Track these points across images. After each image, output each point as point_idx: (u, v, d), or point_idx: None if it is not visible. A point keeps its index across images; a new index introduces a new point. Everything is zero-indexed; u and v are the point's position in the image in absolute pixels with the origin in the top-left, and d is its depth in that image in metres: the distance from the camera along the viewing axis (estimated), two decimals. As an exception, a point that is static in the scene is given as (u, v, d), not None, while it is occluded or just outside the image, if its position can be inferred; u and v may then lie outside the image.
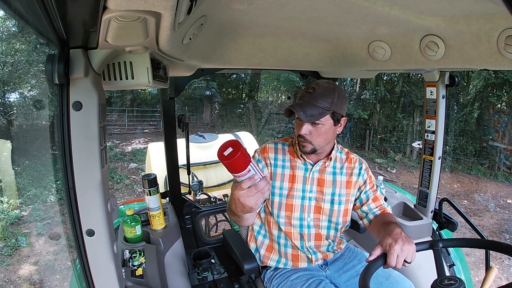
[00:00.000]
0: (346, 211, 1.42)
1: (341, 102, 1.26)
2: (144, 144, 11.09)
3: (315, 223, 1.39)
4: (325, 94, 1.23)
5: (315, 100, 1.23)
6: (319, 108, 1.22)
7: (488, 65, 0.96)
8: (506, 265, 4.42)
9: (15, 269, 4.97)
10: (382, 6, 0.88)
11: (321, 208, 1.39)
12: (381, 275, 1.31)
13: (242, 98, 14.75)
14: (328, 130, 1.29)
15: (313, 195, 1.39)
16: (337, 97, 1.24)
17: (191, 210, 2.13)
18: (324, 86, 1.26)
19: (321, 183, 1.39)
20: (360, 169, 1.44)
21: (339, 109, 1.26)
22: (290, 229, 1.39)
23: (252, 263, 1.42)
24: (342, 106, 1.27)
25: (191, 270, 1.81)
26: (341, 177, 1.41)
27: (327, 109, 1.23)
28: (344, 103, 1.29)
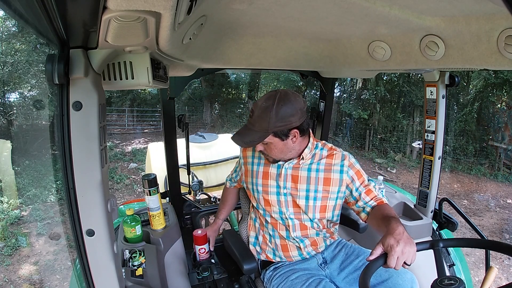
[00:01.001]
0: (324, 207, 1.41)
1: (282, 118, 1.23)
2: (144, 144, 11.09)
3: (296, 216, 1.43)
4: (262, 116, 1.24)
5: (253, 125, 1.27)
6: (257, 132, 1.26)
7: (488, 65, 0.96)
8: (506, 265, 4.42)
9: (15, 269, 4.97)
10: (382, 6, 0.88)
11: (297, 203, 1.41)
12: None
13: (242, 98, 14.75)
14: (279, 145, 1.30)
15: (288, 191, 1.41)
16: (275, 115, 1.22)
17: (191, 210, 2.13)
18: (261, 106, 1.26)
19: (295, 179, 1.40)
20: (342, 166, 1.40)
21: (279, 127, 1.24)
22: (275, 221, 1.46)
23: (251, 263, 1.42)
24: (285, 121, 1.24)
25: (191, 270, 1.81)
26: (317, 173, 1.40)
27: (265, 131, 1.25)
28: (289, 116, 1.25)
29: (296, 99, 1.27)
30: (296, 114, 1.26)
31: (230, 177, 1.74)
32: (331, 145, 1.47)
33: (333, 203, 1.42)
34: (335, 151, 1.44)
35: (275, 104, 1.23)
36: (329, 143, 1.49)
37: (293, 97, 1.27)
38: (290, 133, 1.29)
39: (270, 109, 1.23)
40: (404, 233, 1.09)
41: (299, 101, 1.29)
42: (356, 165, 1.42)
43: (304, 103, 1.31)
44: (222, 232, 1.89)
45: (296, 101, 1.27)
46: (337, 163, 1.40)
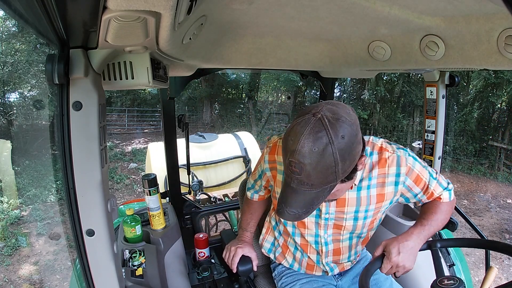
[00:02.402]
0: (373, 221, 1.18)
1: (350, 154, 0.83)
2: (144, 144, 11.09)
3: (334, 237, 1.20)
4: (320, 170, 0.81)
5: (308, 184, 0.83)
6: (318, 191, 0.85)
7: (488, 65, 0.96)
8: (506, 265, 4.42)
9: (15, 269, 4.97)
10: (382, 6, 0.88)
11: (342, 226, 1.17)
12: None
13: (242, 98, 14.76)
14: (346, 187, 0.97)
15: (331, 216, 1.15)
16: (341, 158, 0.81)
17: (191, 210, 2.13)
18: (313, 153, 0.80)
19: (342, 203, 1.12)
20: (398, 176, 1.07)
21: (348, 168, 0.86)
22: (305, 242, 1.23)
23: (246, 265, 1.40)
24: (353, 156, 0.85)
25: (191, 270, 1.81)
26: (368, 191, 1.10)
27: (332, 183, 0.85)
28: (356, 147, 0.85)
29: (347, 111, 0.86)
30: (359, 137, 0.86)
31: (251, 188, 1.38)
32: (381, 143, 1.09)
33: (381, 215, 1.19)
34: (387, 152, 1.06)
35: (334, 141, 0.79)
36: (377, 139, 1.11)
37: (344, 112, 0.84)
38: (359, 164, 0.91)
39: (329, 151, 0.79)
40: (411, 248, 1.03)
41: (351, 112, 0.88)
42: (415, 168, 1.08)
43: (354, 113, 0.90)
44: (220, 233, 1.89)
45: (350, 115, 0.85)
46: (392, 173, 1.07)
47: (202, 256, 1.80)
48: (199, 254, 1.80)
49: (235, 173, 3.06)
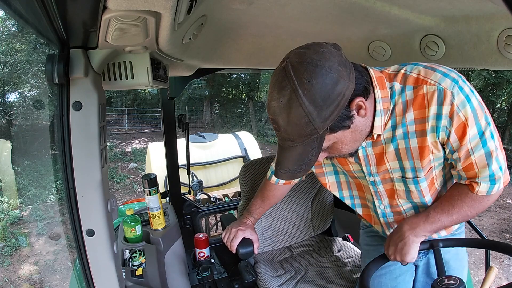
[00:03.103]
0: (432, 186, 0.96)
1: (325, 99, 0.71)
2: (144, 144, 11.09)
3: (394, 209, 1.03)
4: (292, 120, 0.73)
5: (289, 139, 0.77)
6: (304, 144, 0.77)
7: (488, 65, 0.96)
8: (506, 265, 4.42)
9: (15, 269, 4.97)
10: (382, 6, 0.88)
11: (394, 192, 0.98)
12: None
13: (242, 98, 14.75)
14: (347, 137, 0.83)
15: (376, 179, 0.98)
16: (312, 104, 0.71)
17: (191, 210, 2.13)
18: (281, 106, 0.73)
19: (380, 158, 0.93)
20: (439, 119, 0.80)
21: (330, 115, 0.74)
22: (368, 213, 1.11)
23: (247, 248, 1.39)
24: (331, 100, 0.72)
25: (191, 270, 1.81)
26: (406, 142, 0.87)
27: (314, 136, 0.75)
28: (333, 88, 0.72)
29: (321, 50, 0.73)
30: (341, 76, 0.72)
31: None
32: (419, 71, 0.82)
33: (444, 176, 0.96)
34: (425, 86, 0.80)
35: (298, 88, 0.71)
36: (415, 67, 0.83)
37: (314, 52, 0.73)
38: (351, 109, 0.78)
39: (295, 101, 0.71)
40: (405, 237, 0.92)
41: (327, 50, 0.74)
42: (462, 111, 0.78)
43: (337, 51, 0.76)
44: (220, 217, 1.88)
45: (323, 53, 0.73)
46: (433, 115, 0.80)
47: (202, 256, 1.80)
48: (199, 254, 1.80)
49: (235, 173, 3.06)
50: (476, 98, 0.79)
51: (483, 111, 0.80)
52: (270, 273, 1.53)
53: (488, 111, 0.82)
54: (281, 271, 1.57)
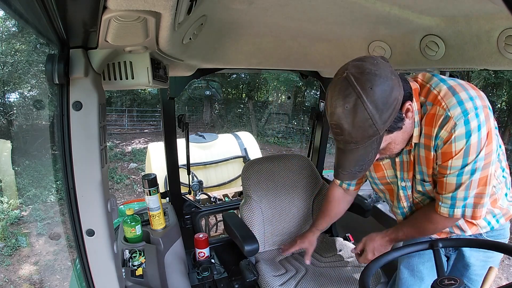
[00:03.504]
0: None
1: (385, 104, 0.81)
2: (144, 144, 11.09)
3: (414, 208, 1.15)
4: (358, 124, 0.82)
5: (352, 142, 0.85)
6: (366, 146, 0.86)
7: (488, 65, 0.96)
8: (506, 265, 4.41)
9: (15, 269, 4.97)
10: (382, 6, 0.88)
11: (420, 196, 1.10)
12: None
13: (242, 98, 14.76)
14: (399, 137, 0.93)
15: (407, 184, 1.09)
16: (375, 109, 0.80)
17: (191, 210, 2.14)
18: (346, 111, 0.82)
19: (411, 166, 1.05)
20: (436, 139, 0.92)
21: (390, 117, 0.83)
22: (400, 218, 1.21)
23: (253, 244, 1.39)
24: (390, 104, 0.82)
25: (191, 270, 1.81)
26: (420, 150, 0.99)
27: (376, 137, 0.84)
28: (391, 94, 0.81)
29: (375, 62, 0.83)
30: (394, 83, 0.82)
31: None
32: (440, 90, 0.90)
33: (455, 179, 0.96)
34: (438, 107, 0.89)
35: (362, 95, 0.79)
36: (441, 84, 0.91)
37: (370, 64, 0.83)
38: (403, 111, 0.88)
39: (361, 106, 0.80)
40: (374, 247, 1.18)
41: (380, 61, 0.84)
42: (457, 143, 0.87)
43: (387, 62, 0.86)
44: (222, 215, 1.90)
45: (378, 64, 0.83)
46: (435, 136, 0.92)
47: (202, 256, 1.80)
48: (199, 254, 1.80)
49: (235, 173, 3.06)
50: (478, 135, 0.86)
51: (479, 148, 0.87)
52: (271, 273, 1.53)
53: (490, 145, 0.88)
54: (282, 271, 1.58)
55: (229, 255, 1.97)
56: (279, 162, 1.78)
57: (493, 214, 1.09)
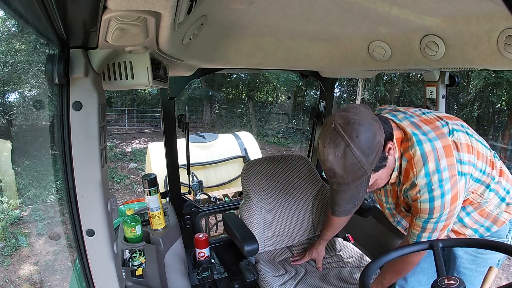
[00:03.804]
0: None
1: (370, 148, 0.94)
2: (144, 144, 11.09)
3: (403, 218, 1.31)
4: (348, 167, 0.94)
5: (344, 184, 0.98)
6: (356, 185, 0.98)
7: (488, 65, 0.96)
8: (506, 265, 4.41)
9: (15, 269, 4.98)
10: (382, 6, 0.88)
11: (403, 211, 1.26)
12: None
13: (242, 98, 14.76)
14: (384, 174, 1.06)
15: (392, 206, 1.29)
16: (362, 154, 0.93)
17: (191, 210, 2.14)
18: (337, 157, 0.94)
19: (394, 193, 1.23)
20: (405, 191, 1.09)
21: (374, 159, 0.96)
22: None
23: (253, 245, 1.40)
24: (374, 148, 0.95)
25: (191, 270, 1.81)
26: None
27: (364, 176, 0.97)
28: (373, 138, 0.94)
29: (357, 111, 0.96)
30: (376, 129, 0.96)
31: None
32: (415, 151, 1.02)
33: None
34: (410, 171, 1.03)
35: (350, 143, 0.92)
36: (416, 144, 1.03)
37: (354, 114, 0.95)
38: (385, 151, 1.02)
39: (349, 153, 0.92)
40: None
41: (362, 110, 0.97)
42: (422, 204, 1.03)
43: (364, 107, 1.01)
44: (222, 215, 1.90)
45: (360, 114, 0.96)
46: (403, 190, 1.10)
47: (202, 256, 1.80)
48: (199, 254, 1.80)
49: (235, 173, 3.06)
50: (442, 201, 1.00)
51: (442, 210, 1.02)
52: (271, 273, 1.53)
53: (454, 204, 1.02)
54: (282, 271, 1.58)
55: (229, 255, 1.98)
56: (279, 163, 1.78)
57: (479, 224, 1.19)
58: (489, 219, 1.17)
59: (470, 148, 1.06)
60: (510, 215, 1.16)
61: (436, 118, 1.09)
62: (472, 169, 1.06)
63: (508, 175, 1.17)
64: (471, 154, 1.05)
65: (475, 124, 9.97)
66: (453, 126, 1.06)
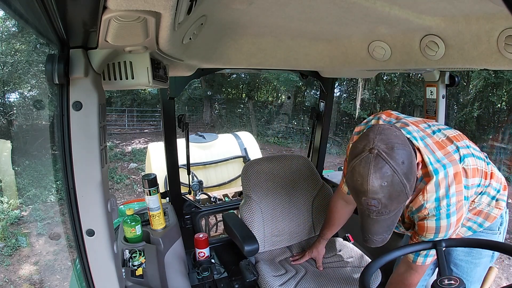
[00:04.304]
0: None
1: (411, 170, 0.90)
2: (144, 144, 11.09)
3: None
4: (393, 195, 0.88)
5: (386, 212, 0.91)
6: (396, 212, 0.94)
7: (488, 65, 0.96)
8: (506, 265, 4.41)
9: (15, 269, 4.97)
10: (382, 6, 0.88)
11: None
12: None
13: (242, 98, 14.76)
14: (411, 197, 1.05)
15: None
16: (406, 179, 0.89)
17: (191, 210, 2.13)
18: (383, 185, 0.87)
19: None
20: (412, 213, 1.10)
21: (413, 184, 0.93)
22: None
23: (253, 245, 1.40)
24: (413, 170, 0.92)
25: (191, 270, 1.81)
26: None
27: (404, 202, 0.94)
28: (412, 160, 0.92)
29: (395, 133, 0.93)
30: (411, 150, 0.93)
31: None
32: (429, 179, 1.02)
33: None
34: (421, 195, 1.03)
35: (397, 170, 0.87)
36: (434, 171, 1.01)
37: (393, 137, 0.91)
38: (418, 171, 1.00)
39: (397, 180, 0.87)
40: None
41: (398, 132, 0.94)
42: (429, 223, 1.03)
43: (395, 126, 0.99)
44: (222, 215, 1.90)
45: (399, 137, 0.93)
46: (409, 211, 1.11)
47: (202, 256, 1.80)
48: (199, 254, 1.80)
49: (235, 173, 3.06)
50: (448, 221, 1.01)
51: (447, 230, 1.03)
52: (271, 273, 1.53)
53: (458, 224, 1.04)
54: (282, 271, 1.58)
55: (229, 255, 1.98)
56: (279, 163, 1.78)
57: (472, 221, 1.22)
58: (481, 215, 1.21)
59: (476, 171, 1.07)
60: (500, 210, 1.20)
61: (447, 141, 1.09)
62: (472, 191, 1.09)
63: (497, 175, 1.20)
64: (476, 177, 1.08)
65: (475, 124, 9.97)
66: (463, 152, 1.06)
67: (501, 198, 1.20)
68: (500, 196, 1.19)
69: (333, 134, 11.51)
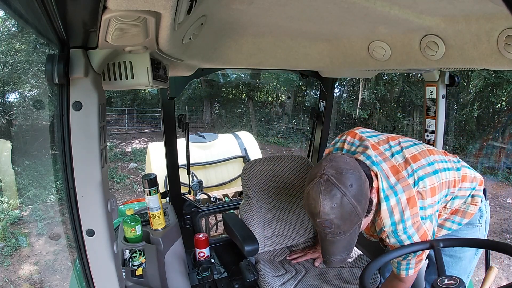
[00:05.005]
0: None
1: (362, 194, 0.97)
2: (144, 144, 11.09)
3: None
4: (345, 217, 0.95)
5: (340, 233, 0.98)
6: (350, 233, 1.00)
7: (488, 65, 0.96)
8: (506, 265, 4.41)
9: (15, 269, 4.97)
10: (382, 6, 0.88)
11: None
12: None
13: (242, 98, 14.76)
14: (369, 219, 1.09)
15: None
16: (357, 202, 0.95)
17: (191, 210, 2.13)
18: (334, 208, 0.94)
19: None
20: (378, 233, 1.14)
21: (365, 204, 1.00)
22: None
23: (253, 245, 1.40)
24: (365, 193, 0.99)
25: (191, 270, 1.81)
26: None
27: (358, 223, 1.00)
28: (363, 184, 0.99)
29: (345, 160, 1.01)
30: (362, 175, 1.00)
31: None
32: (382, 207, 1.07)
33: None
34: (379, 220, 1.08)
35: (346, 192, 0.94)
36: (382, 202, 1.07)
37: (342, 163, 0.99)
38: (371, 196, 1.05)
39: (346, 202, 0.94)
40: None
41: (348, 159, 1.02)
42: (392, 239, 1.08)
43: (352, 158, 1.05)
44: (222, 215, 1.91)
45: (348, 162, 1.00)
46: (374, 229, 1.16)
47: (202, 256, 1.80)
48: (199, 254, 1.80)
49: (235, 173, 3.06)
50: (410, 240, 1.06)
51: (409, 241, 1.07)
52: (271, 273, 1.53)
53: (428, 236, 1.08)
54: (282, 271, 1.58)
55: (229, 255, 1.98)
56: (279, 163, 1.78)
57: (451, 221, 1.27)
58: (459, 214, 1.25)
59: (436, 189, 1.10)
60: (477, 206, 1.23)
61: (404, 163, 1.11)
62: (435, 207, 1.12)
63: (469, 175, 1.23)
64: (437, 194, 1.11)
65: (475, 124, 9.97)
66: (419, 174, 1.09)
67: (477, 194, 1.23)
68: (475, 193, 1.23)
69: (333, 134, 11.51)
